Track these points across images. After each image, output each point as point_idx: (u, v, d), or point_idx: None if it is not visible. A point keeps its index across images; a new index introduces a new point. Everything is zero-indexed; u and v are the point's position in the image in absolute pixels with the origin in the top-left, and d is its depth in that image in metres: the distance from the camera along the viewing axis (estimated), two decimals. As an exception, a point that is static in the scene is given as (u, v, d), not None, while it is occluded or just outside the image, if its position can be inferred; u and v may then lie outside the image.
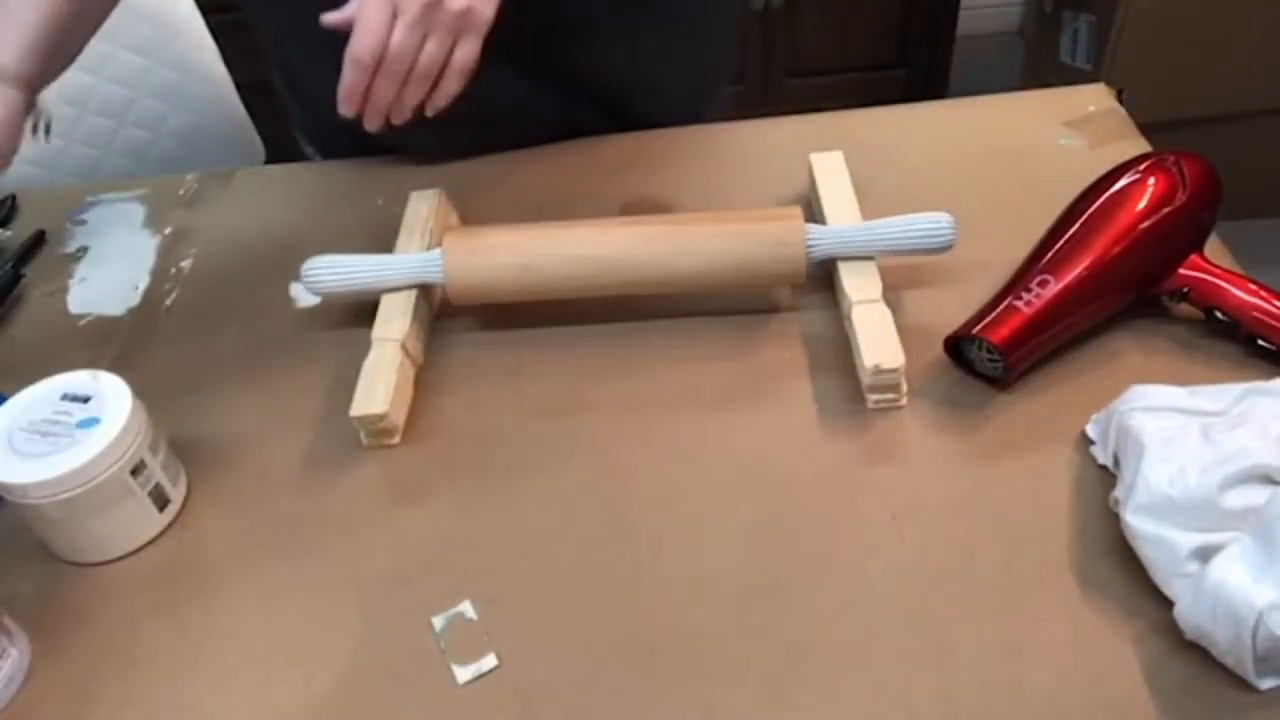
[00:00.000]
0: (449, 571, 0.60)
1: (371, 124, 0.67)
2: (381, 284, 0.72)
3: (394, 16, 0.63)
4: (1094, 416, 0.62)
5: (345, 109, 0.66)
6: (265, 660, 0.57)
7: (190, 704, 0.56)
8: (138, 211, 0.92)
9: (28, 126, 0.77)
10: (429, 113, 0.67)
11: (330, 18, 0.64)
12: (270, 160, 1.22)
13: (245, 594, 0.61)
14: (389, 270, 0.72)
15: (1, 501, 0.62)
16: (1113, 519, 0.56)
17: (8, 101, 0.74)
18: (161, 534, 0.65)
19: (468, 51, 0.65)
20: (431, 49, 0.64)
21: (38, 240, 0.89)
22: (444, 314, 0.77)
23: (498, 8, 0.65)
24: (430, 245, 0.75)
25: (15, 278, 0.84)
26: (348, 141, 0.90)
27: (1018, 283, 0.65)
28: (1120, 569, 0.55)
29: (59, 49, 0.78)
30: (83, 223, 0.91)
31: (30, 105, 0.76)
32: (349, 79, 0.64)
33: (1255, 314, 0.64)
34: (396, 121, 0.67)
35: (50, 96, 0.78)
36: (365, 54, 0.63)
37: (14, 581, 0.63)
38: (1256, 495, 0.51)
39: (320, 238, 0.81)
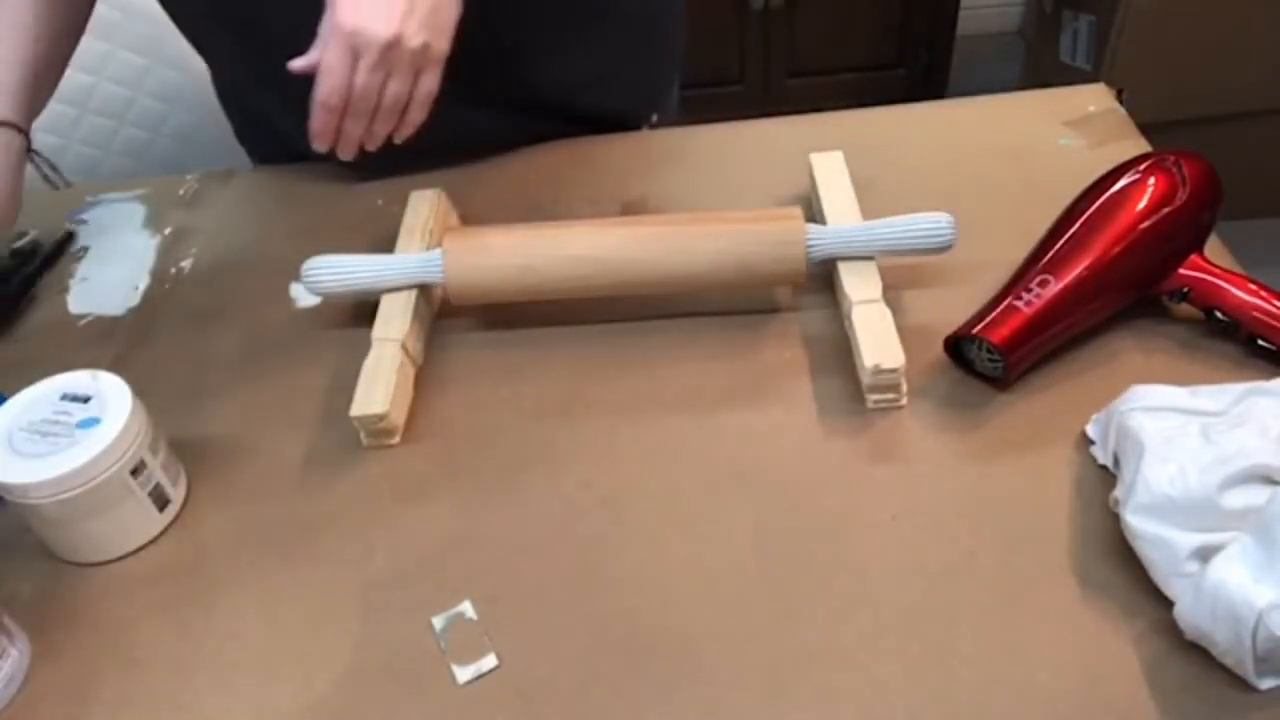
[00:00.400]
0: (449, 571, 0.60)
1: (345, 156, 0.69)
2: (381, 284, 0.72)
3: (355, 59, 0.65)
4: (1094, 416, 0.62)
5: (318, 146, 0.69)
6: (265, 660, 0.57)
7: (190, 704, 0.56)
8: (138, 211, 0.92)
9: (31, 171, 0.79)
10: (397, 140, 0.70)
11: (297, 64, 0.67)
12: (270, 160, 1.22)
13: (245, 594, 0.61)
14: (389, 270, 0.72)
15: (1, 501, 0.62)
16: (1113, 519, 0.56)
17: (8, 145, 0.76)
18: (161, 534, 0.65)
19: (429, 84, 0.68)
20: (394, 86, 0.67)
21: (66, 240, 0.89)
22: (444, 314, 0.77)
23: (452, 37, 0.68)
24: (430, 245, 0.75)
25: (34, 277, 0.85)
26: (289, 156, 0.92)
27: (1018, 283, 0.66)
28: (1120, 569, 0.55)
29: (42, 85, 0.81)
30: (83, 223, 0.91)
31: (29, 145, 0.78)
32: (318, 120, 0.67)
33: (1255, 314, 0.64)
34: (370, 149, 0.70)
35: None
36: (330, 97, 0.66)
37: (14, 581, 0.63)
38: (1256, 495, 0.51)
39: (320, 238, 0.81)
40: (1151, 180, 0.67)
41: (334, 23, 0.64)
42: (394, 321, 0.70)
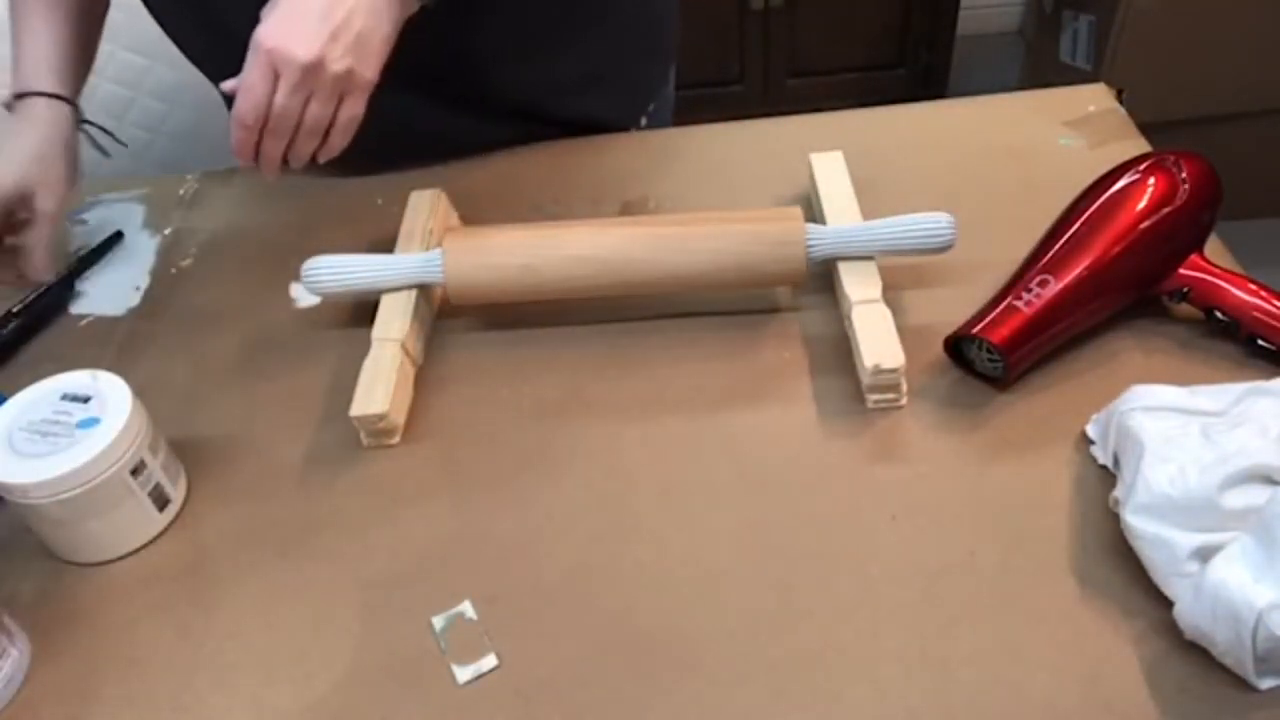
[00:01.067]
0: (449, 571, 0.60)
1: (267, 173, 0.69)
2: (381, 284, 0.72)
3: (275, 79, 0.64)
4: (1094, 416, 0.62)
5: (238, 161, 0.68)
6: (265, 660, 0.57)
7: (191, 704, 0.56)
8: (138, 211, 0.92)
9: (85, 143, 0.83)
10: (320, 161, 0.69)
11: (227, 85, 0.67)
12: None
13: (245, 594, 0.61)
14: (389, 270, 0.72)
15: (1, 501, 0.62)
16: (1113, 519, 0.56)
17: (59, 117, 0.80)
18: (161, 534, 0.65)
19: (352, 109, 0.67)
20: (315, 109, 0.66)
21: (115, 239, 0.88)
22: (444, 314, 0.77)
23: (382, 66, 0.67)
24: (430, 245, 0.75)
25: (77, 272, 0.85)
26: None
27: (1018, 283, 0.65)
28: (1120, 569, 0.55)
29: (81, 61, 0.84)
30: (83, 223, 0.91)
31: (78, 117, 0.82)
32: (236, 137, 0.67)
33: (1255, 314, 0.64)
34: (296, 167, 0.69)
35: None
36: (246, 116, 0.65)
37: (14, 581, 0.63)
38: (1256, 495, 0.51)
39: (320, 238, 0.81)
40: (1151, 180, 0.67)
41: (256, 41, 0.64)
42: (394, 321, 0.70)
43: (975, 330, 0.64)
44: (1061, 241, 0.66)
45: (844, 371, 0.68)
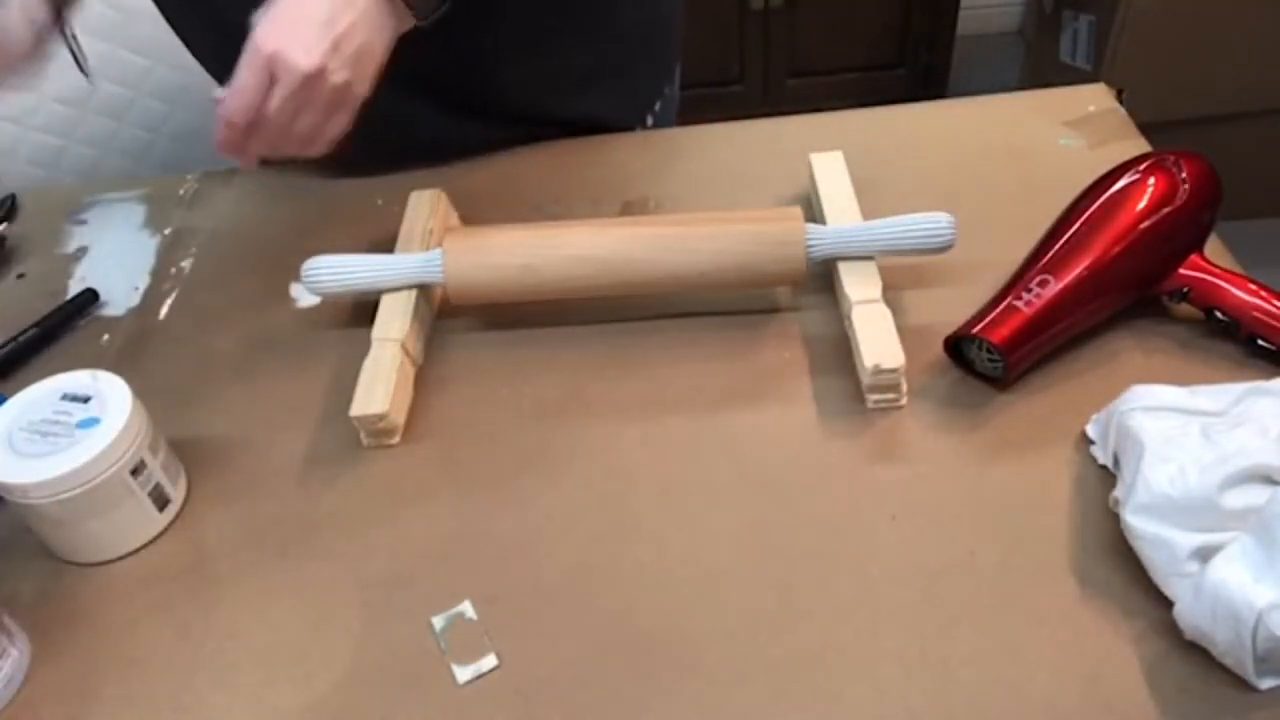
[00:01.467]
0: (449, 571, 0.60)
1: (246, 168, 0.68)
2: (381, 284, 0.72)
3: (271, 84, 0.63)
4: (1094, 416, 0.62)
5: (219, 154, 0.67)
6: (265, 660, 0.57)
7: (191, 704, 0.56)
8: (138, 211, 0.92)
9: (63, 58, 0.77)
10: (299, 158, 0.68)
11: (219, 94, 0.65)
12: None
13: (245, 594, 0.61)
14: (389, 270, 0.72)
15: (1, 501, 0.62)
16: (1113, 519, 0.56)
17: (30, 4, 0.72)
18: (161, 534, 0.65)
19: (339, 123, 0.66)
20: (308, 119, 0.64)
21: (90, 299, 0.83)
22: (444, 314, 0.77)
23: (378, 75, 0.66)
24: (430, 245, 0.75)
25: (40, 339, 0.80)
26: None
27: (1018, 283, 0.66)
28: (1120, 569, 0.55)
29: None
30: (83, 223, 0.91)
31: (57, 18, 0.75)
32: (221, 134, 0.65)
33: (1255, 314, 0.64)
34: (273, 158, 0.68)
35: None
36: (236, 116, 0.63)
37: (14, 581, 0.63)
38: (1256, 495, 0.51)
39: (320, 238, 0.81)
40: (1151, 180, 0.67)
41: (254, 43, 0.62)
42: (394, 321, 0.70)
43: (975, 330, 0.64)
44: (1061, 241, 0.66)
45: (844, 371, 0.68)
